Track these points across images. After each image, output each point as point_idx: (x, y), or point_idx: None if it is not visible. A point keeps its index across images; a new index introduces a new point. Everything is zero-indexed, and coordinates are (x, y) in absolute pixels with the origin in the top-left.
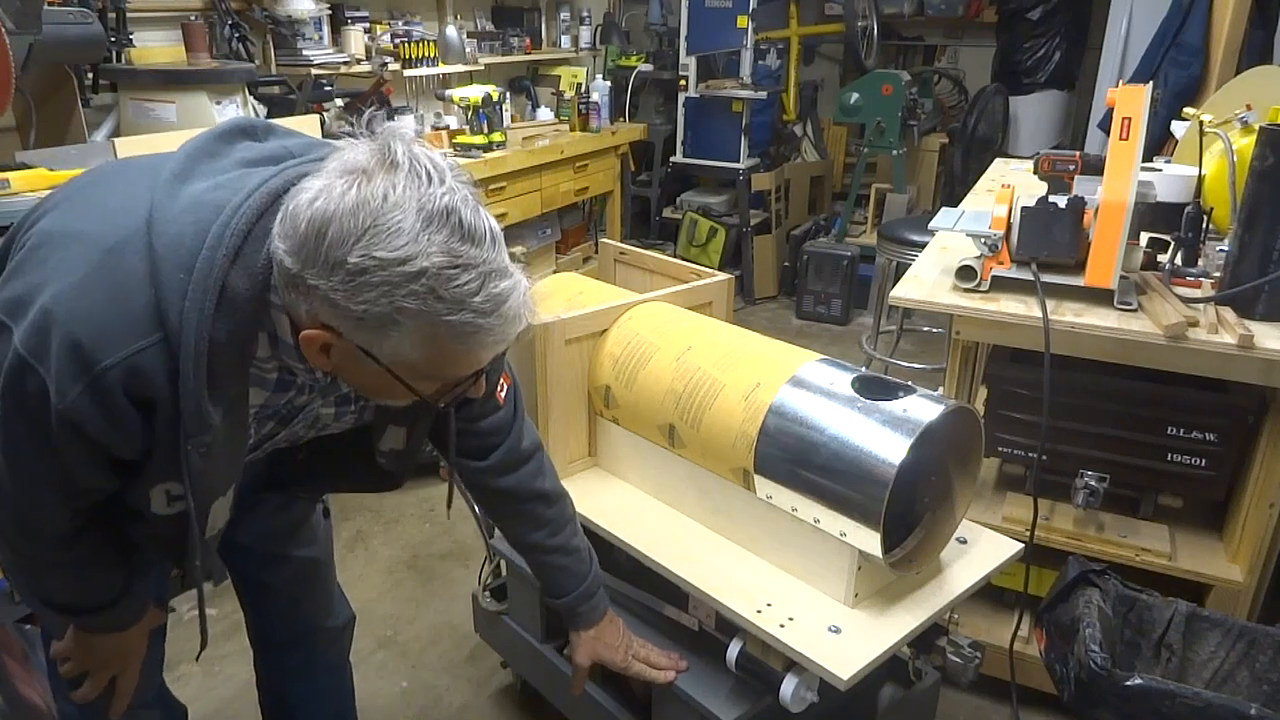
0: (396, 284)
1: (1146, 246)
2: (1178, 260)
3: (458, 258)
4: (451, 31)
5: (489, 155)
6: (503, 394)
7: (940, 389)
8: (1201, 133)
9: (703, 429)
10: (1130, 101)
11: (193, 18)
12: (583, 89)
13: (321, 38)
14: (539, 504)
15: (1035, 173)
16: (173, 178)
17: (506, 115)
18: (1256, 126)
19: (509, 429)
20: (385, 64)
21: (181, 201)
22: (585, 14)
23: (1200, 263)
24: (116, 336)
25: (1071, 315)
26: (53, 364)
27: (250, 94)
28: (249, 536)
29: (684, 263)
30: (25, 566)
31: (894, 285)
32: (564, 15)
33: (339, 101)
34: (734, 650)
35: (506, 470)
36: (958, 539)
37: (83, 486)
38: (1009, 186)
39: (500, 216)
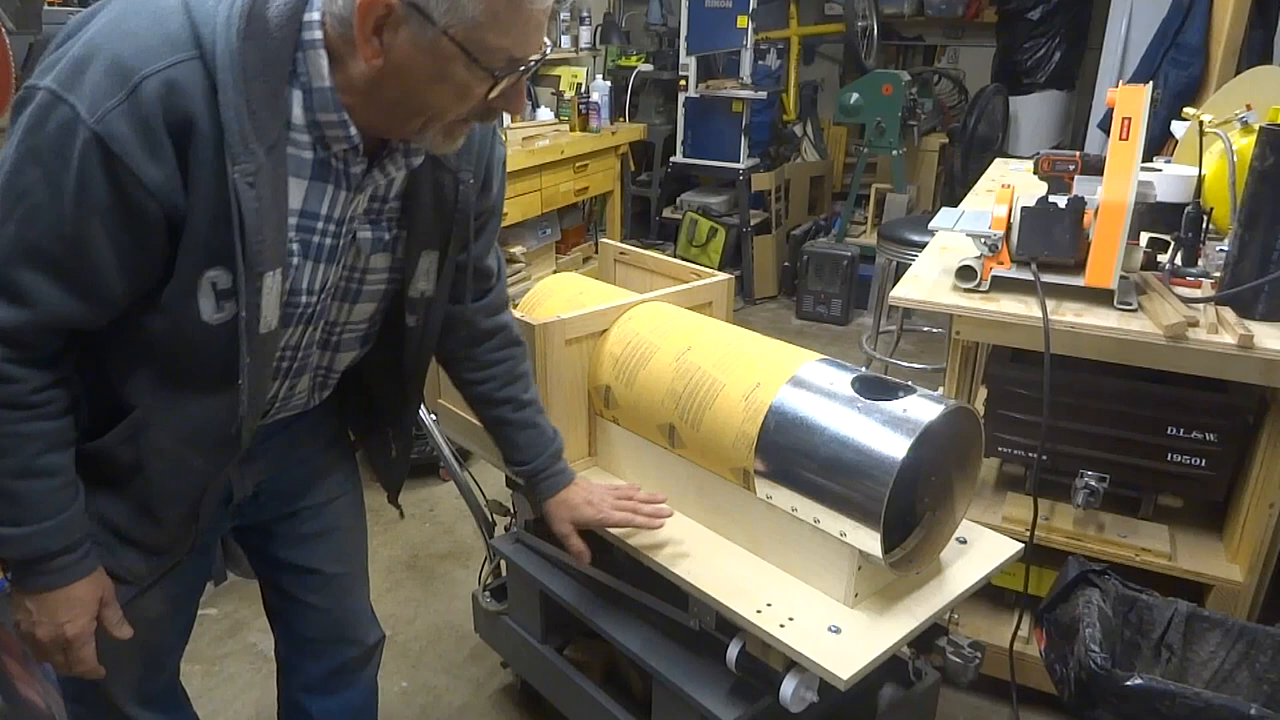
0: None
1: (1146, 246)
2: (1178, 260)
3: None
4: None
5: None
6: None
7: (940, 389)
8: (1201, 133)
9: (703, 429)
10: (1130, 101)
11: None
12: (583, 89)
13: None
14: (518, 350)
15: (1035, 173)
16: None
17: (506, 115)
18: (1256, 126)
19: (499, 274)
20: None
21: None
22: (585, 14)
23: (1200, 263)
24: (156, 52)
25: (1071, 315)
26: (88, 86)
27: None
28: (284, 550)
29: (684, 263)
30: None
31: (894, 285)
32: (564, 15)
33: None
34: (734, 650)
35: (497, 310)
36: (958, 539)
37: (82, 256)
38: (1009, 186)
39: None
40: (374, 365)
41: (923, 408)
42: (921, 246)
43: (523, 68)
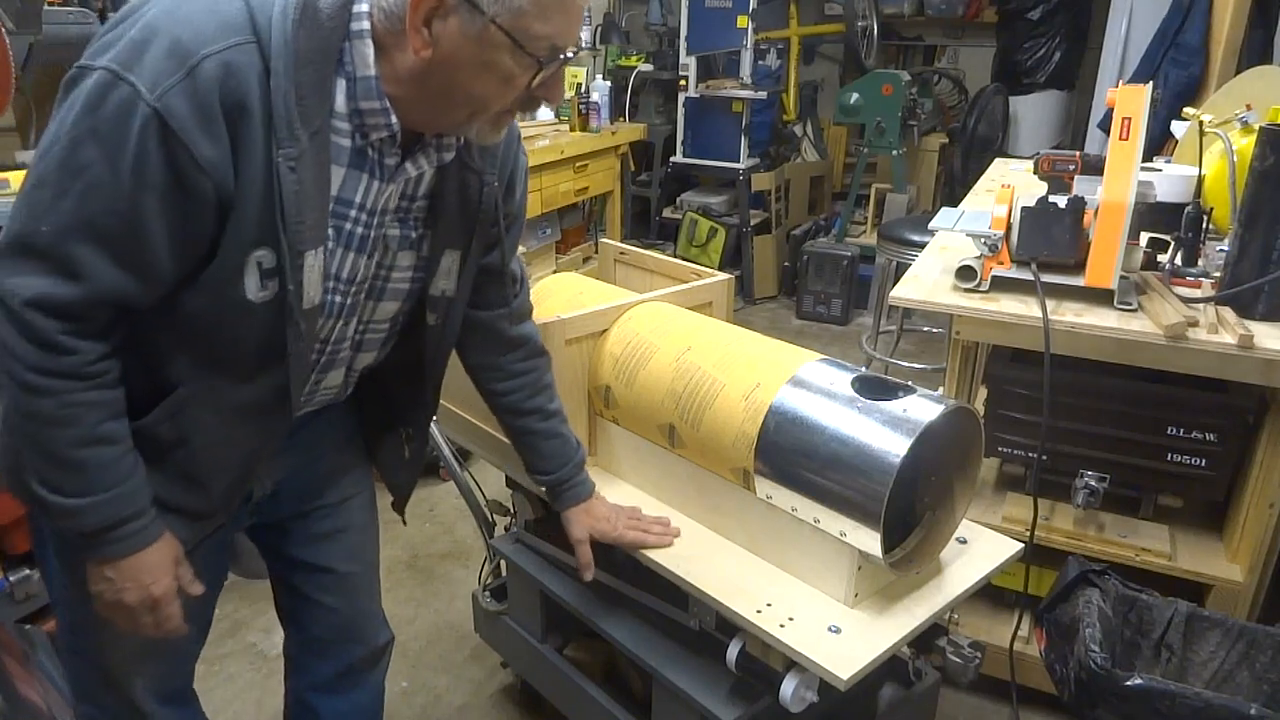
0: None
1: (1146, 246)
2: (1178, 260)
3: None
4: None
5: None
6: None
7: (940, 389)
8: (1201, 133)
9: (703, 429)
10: (1130, 101)
11: None
12: (583, 89)
13: None
14: (543, 360)
15: (1035, 173)
16: None
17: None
18: (1256, 126)
19: (522, 281)
20: None
21: None
22: (585, 14)
23: (1200, 263)
24: (214, 35)
25: (1071, 315)
26: (148, 66)
27: None
28: (298, 548)
29: (684, 263)
30: (28, 404)
31: (894, 285)
32: None
33: None
34: (734, 650)
35: (522, 318)
36: (958, 539)
37: (136, 233)
38: (1009, 186)
39: None
40: (394, 365)
41: (923, 408)
42: (921, 246)
43: (563, 55)
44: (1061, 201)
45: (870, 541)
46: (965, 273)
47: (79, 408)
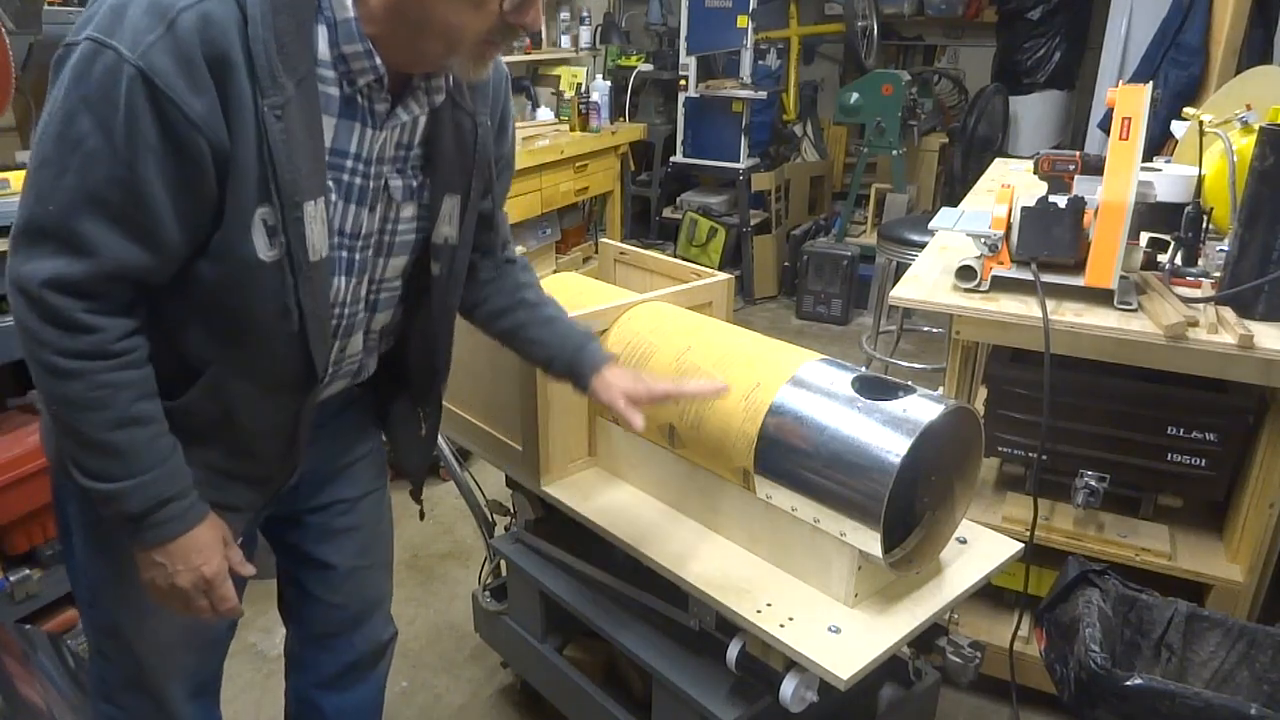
0: None
1: (1146, 246)
2: (1178, 260)
3: None
4: None
5: None
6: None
7: (940, 389)
8: (1201, 133)
9: (703, 429)
10: (1130, 101)
11: None
12: (583, 89)
13: None
14: (516, 264)
15: (1035, 173)
16: None
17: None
18: (1256, 126)
19: (506, 231)
20: None
21: None
22: (585, 14)
23: (1200, 263)
24: None
25: (1071, 315)
26: (128, 27)
27: None
28: (311, 544)
29: (684, 263)
30: (59, 387)
31: (894, 285)
32: (564, 15)
33: None
34: (734, 650)
35: (494, 251)
36: (958, 539)
37: (138, 201)
38: (1009, 186)
39: None
40: (404, 327)
41: (923, 408)
42: (921, 246)
43: None
44: (1061, 201)
45: (870, 541)
46: (965, 273)
47: (108, 389)
